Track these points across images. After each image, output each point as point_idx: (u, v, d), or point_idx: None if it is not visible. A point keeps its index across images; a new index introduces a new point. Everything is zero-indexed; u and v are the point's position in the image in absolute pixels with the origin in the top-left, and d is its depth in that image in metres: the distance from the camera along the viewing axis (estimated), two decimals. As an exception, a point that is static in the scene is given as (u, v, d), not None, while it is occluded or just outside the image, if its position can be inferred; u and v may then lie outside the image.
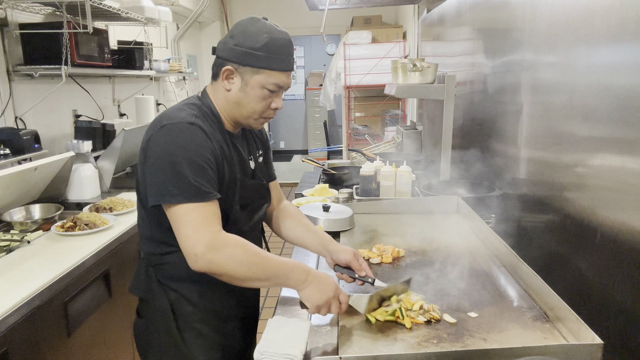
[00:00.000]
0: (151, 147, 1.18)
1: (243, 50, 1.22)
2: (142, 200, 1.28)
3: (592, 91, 1.22)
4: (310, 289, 1.15)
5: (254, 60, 1.22)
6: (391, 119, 5.27)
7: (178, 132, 1.17)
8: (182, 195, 1.13)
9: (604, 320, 1.15)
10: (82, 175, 2.57)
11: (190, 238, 1.11)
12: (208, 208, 1.15)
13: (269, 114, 1.31)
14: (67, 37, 2.51)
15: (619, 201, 1.11)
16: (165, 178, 1.14)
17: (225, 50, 1.25)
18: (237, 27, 1.26)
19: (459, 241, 1.69)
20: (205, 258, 1.10)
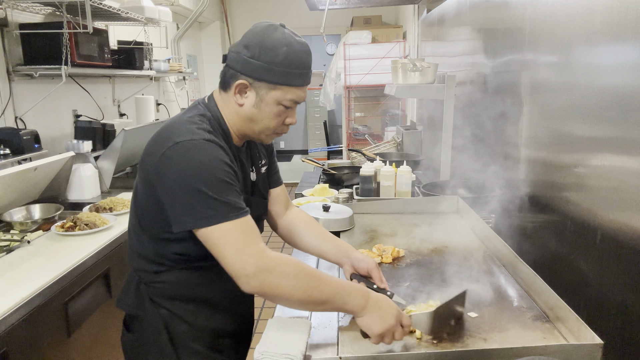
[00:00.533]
0: (167, 167, 1.07)
1: (260, 65, 1.12)
2: (140, 216, 1.21)
3: (592, 91, 1.21)
4: (371, 316, 1.04)
5: (272, 76, 1.13)
6: (391, 119, 5.27)
7: (196, 150, 1.07)
8: (217, 216, 1.04)
9: (604, 320, 1.15)
10: (82, 175, 2.57)
11: (237, 261, 1.03)
12: (245, 224, 1.07)
13: (283, 129, 1.23)
14: (67, 37, 2.51)
15: (619, 201, 1.11)
16: (192, 202, 1.05)
17: (239, 62, 1.14)
18: (253, 36, 1.14)
19: (459, 241, 1.69)
20: (257, 279, 1.02)
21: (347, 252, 1.35)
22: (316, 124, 8.94)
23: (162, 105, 4.52)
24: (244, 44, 1.15)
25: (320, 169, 2.98)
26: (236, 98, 1.17)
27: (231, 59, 1.16)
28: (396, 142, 3.46)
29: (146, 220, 1.19)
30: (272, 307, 3.23)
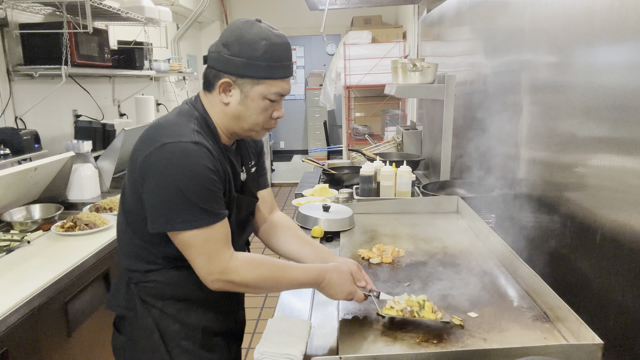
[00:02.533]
0: (151, 169, 1.09)
1: (241, 61, 1.12)
2: (128, 216, 1.21)
3: (592, 91, 1.22)
4: (328, 292, 1.18)
5: (254, 71, 1.13)
6: (391, 119, 5.27)
7: (182, 155, 1.07)
8: (192, 222, 1.08)
9: (604, 320, 1.15)
10: (82, 175, 2.56)
11: (205, 268, 1.10)
12: (218, 229, 1.11)
13: (271, 124, 1.23)
14: (67, 37, 2.51)
15: (619, 201, 1.11)
16: (172, 205, 1.07)
17: (221, 62, 1.14)
18: (230, 34, 1.15)
19: (459, 241, 1.69)
20: (220, 283, 1.11)
21: (326, 258, 1.34)
22: (316, 124, 8.94)
23: (162, 105, 4.52)
24: (222, 43, 1.15)
25: (320, 169, 2.98)
26: (221, 97, 1.17)
27: (212, 59, 1.16)
28: (396, 142, 3.46)
29: (133, 220, 1.19)
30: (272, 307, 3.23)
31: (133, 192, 1.16)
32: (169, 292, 1.22)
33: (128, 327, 1.26)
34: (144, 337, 1.23)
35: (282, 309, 1.27)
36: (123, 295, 1.25)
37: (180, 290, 1.22)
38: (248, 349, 2.90)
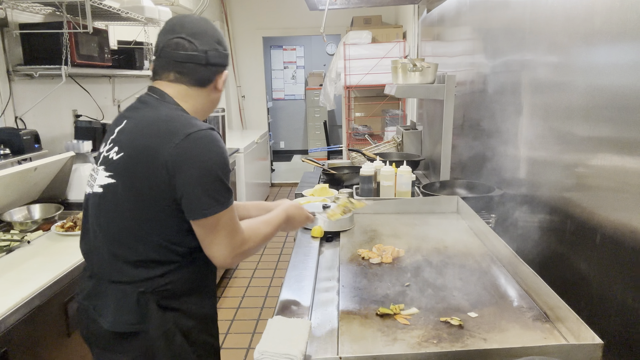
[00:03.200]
0: (187, 158, 1.10)
1: (226, 54, 1.29)
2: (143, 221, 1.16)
3: (592, 91, 1.22)
4: (292, 224, 1.52)
5: (227, 59, 1.31)
6: (391, 119, 5.27)
7: (211, 141, 1.15)
8: (227, 203, 1.17)
9: (604, 320, 1.15)
10: (82, 175, 2.56)
11: (229, 245, 1.19)
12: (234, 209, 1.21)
13: None
14: (67, 37, 2.51)
15: (619, 201, 1.11)
16: (215, 189, 1.14)
17: (222, 57, 1.27)
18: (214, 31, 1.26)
19: (459, 241, 1.69)
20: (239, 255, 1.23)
21: (265, 208, 1.60)
22: (316, 124, 8.94)
23: (162, 105, 4.52)
24: (215, 41, 1.25)
25: (320, 169, 2.98)
26: (220, 87, 1.30)
27: (214, 56, 1.24)
28: (396, 142, 3.46)
29: (153, 222, 1.15)
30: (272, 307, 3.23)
31: (153, 190, 1.12)
32: (184, 289, 1.23)
33: (139, 343, 1.19)
34: (164, 344, 1.19)
35: (282, 309, 1.27)
36: (132, 310, 1.18)
37: (195, 283, 1.26)
38: (248, 349, 2.90)
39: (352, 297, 1.29)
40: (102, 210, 1.20)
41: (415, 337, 1.08)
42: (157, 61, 1.25)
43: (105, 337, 1.22)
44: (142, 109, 1.23)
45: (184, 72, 1.23)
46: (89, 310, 1.25)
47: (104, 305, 1.22)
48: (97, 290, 1.24)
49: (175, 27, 1.21)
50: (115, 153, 1.18)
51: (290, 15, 6.41)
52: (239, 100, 6.85)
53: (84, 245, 1.30)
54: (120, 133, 1.21)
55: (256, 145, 5.48)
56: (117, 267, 1.19)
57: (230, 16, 6.54)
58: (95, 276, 1.25)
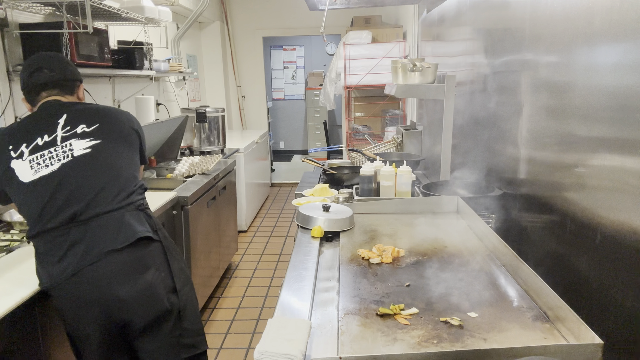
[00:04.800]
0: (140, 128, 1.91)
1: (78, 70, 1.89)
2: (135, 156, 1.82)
3: (592, 91, 1.22)
4: None
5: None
6: (391, 119, 5.27)
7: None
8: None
9: (604, 320, 1.15)
10: (82, 175, 2.56)
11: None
12: None
13: None
14: (67, 37, 2.51)
15: (619, 201, 1.11)
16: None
17: (77, 73, 1.86)
18: (61, 57, 1.86)
19: (459, 241, 1.69)
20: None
21: None
22: (316, 124, 8.94)
23: (162, 105, 4.52)
24: (67, 63, 1.85)
25: (320, 169, 2.98)
26: (81, 97, 1.86)
27: (75, 73, 1.83)
28: (396, 142, 3.46)
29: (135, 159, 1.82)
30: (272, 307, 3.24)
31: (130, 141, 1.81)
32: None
33: (156, 250, 1.68)
34: (171, 243, 1.77)
35: (282, 309, 1.27)
36: (145, 222, 1.68)
37: None
38: (248, 349, 2.90)
39: (352, 297, 1.29)
40: (96, 164, 1.67)
41: (415, 337, 1.08)
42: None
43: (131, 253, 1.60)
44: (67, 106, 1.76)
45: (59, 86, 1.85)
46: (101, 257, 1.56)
47: (118, 230, 1.59)
48: (102, 230, 1.58)
49: None
50: (86, 127, 1.70)
51: (290, 15, 6.41)
52: (239, 100, 6.85)
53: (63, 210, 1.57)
54: (71, 119, 1.70)
55: (256, 145, 5.48)
56: (120, 197, 1.64)
57: (230, 16, 6.54)
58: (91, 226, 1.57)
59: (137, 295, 1.58)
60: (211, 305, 3.46)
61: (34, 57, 1.79)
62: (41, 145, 1.63)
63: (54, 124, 1.68)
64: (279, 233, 5.05)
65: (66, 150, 1.64)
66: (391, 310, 1.18)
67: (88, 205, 1.58)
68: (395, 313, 1.17)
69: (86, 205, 1.58)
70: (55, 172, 1.60)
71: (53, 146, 1.64)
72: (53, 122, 1.68)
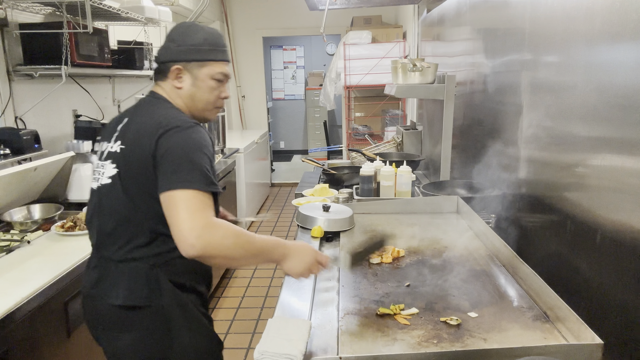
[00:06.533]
0: (164, 143, 1.22)
1: (187, 48, 1.34)
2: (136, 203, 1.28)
3: (592, 91, 1.22)
4: (291, 261, 1.24)
5: (199, 55, 1.35)
6: (391, 119, 5.27)
7: (192, 132, 1.26)
8: (195, 182, 1.18)
9: (604, 320, 1.15)
10: (82, 175, 2.56)
11: (187, 221, 1.13)
12: (210, 198, 1.20)
13: (220, 103, 1.43)
14: (67, 37, 2.51)
15: (619, 201, 1.11)
16: (180, 167, 1.19)
17: (170, 54, 1.36)
18: (173, 32, 1.38)
19: (459, 241, 1.69)
20: (203, 239, 1.12)
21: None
22: (316, 124, 8.94)
23: (162, 105, 4.52)
24: (168, 40, 1.37)
25: (320, 169, 2.98)
26: (174, 82, 1.36)
27: (162, 55, 1.37)
28: (396, 142, 3.46)
29: (150, 204, 1.25)
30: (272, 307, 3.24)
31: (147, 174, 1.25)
32: (191, 265, 1.28)
33: (147, 317, 1.30)
34: (180, 312, 1.32)
35: (282, 309, 1.27)
36: (143, 285, 1.29)
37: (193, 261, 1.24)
38: (248, 349, 2.90)
39: (352, 297, 1.29)
40: (112, 198, 1.32)
41: (415, 337, 1.08)
42: None
43: (114, 314, 1.31)
44: (140, 107, 1.40)
45: (154, 72, 1.44)
46: (96, 297, 1.34)
47: (114, 284, 1.31)
48: (105, 274, 1.33)
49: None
50: (118, 147, 1.32)
51: (290, 15, 6.40)
52: (239, 100, 6.85)
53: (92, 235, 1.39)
54: (122, 129, 1.35)
55: (256, 145, 5.47)
56: (129, 247, 1.30)
57: (230, 16, 6.54)
58: (102, 263, 1.34)
59: (114, 351, 1.38)
60: (211, 305, 3.46)
61: None
62: (98, 154, 1.41)
63: (113, 130, 1.37)
64: (279, 233, 5.05)
65: (101, 171, 1.36)
66: (391, 310, 1.18)
67: (101, 244, 1.36)
68: (395, 313, 1.17)
69: (100, 243, 1.36)
70: (94, 192, 1.38)
71: (100, 159, 1.38)
72: (113, 128, 1.38)
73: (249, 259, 1.21)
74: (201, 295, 1.41)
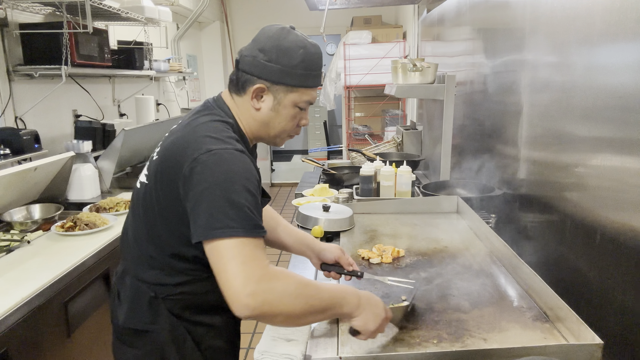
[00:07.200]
0: (199, 173, 1.02)
1: (278, 68, 1.12)
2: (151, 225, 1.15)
3: (592, 91, 1.22)
4: (366, 314, 1.04)
5: (290, 78, 1.13)
6: (391, 119, 5.27)
7: (231, 161, 1.03)
8: (239, 228, 0.97)
9: (604, 320, 1.15)
10: (82, 175, 2.56)
11: (240, 275, 0.94)
12: (259, 243, 1.00)
13: (297, 131, 1.23)
14: (67, 37, 2.51)
15: (619, 201, 1.11)
16: (220, 209, 0.98)
17: (257, 67, 1.13)
18: (267, 40, 1.13)
19: (459, 241, 1.69)
20: (259, 298, 0.92)
21: (310, 245, 1.37)
22: (316, 124, 8.93)
23: (162, 105, 4.52)
24: (258, 48, 1.13)
25: (320, 169, 2.98)
26: (253, 102, 1.16)
27: (246, 62, 1.14)
28: (396, 142, 3.46)
29: (160, 232, 1.13)
30: (272, 307, 3.24)
31: (166, 200, 1.10)
32: (199, 302, 1.18)
33: (150, 341, 1.19)
34: (174, 348, 1.18)
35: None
36: (145, 310, 1.18)
37: (211, 297, 1.14)
38: (248, 349, 2.90)
39: (352, 297, 1.29)
40: (135, 205, 1.22)
41: (415, 337, 1.08)
42: None
43: (121, 329, 1.24)
44: (195, 113, 1.20)
45: (231, 77, 1.21)
46: (115, 297, 1.26)
47: (124, 297, 1.23)
48: (123, 275, 1.25)
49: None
50: (157, 153, 1.17)
51: (290, 15, 6.40)
52: (239, 100, 6.84)
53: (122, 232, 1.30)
54: (169, 134, 1.20)
55: (256, 145, 5.47)
56: (136, 265, 1.20)
57: (230, 16, 6.54)
58: (123, 264, 1.27)
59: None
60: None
61: None
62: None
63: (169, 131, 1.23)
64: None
65: (142, 172, 1.24)
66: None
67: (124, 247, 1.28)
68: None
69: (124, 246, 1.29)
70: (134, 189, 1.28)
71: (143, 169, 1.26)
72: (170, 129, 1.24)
73: (316, 316, 1.01)
74: (211, 326, 1.23)
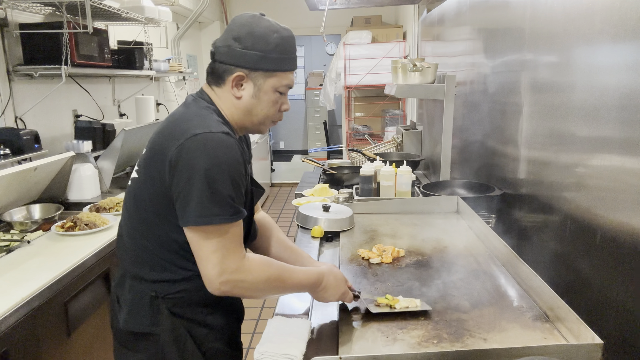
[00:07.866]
0: (185, 159, 1.04)
1: (255, 54, 1.12)
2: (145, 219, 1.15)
3: (592, 91, 1.22)
4: (324, 293, 1.19)
5: (267, 63, 1.14)
6: (391, 119, 5.27)
7: (216, 145, 1.05)
8: (222, 216, 1.04)
9: (604, 320, 1.15)
10: (82, 175, 2.56)
11: (218, 266, 1.04)
12: (238, 229, 1.09)
13: (279, 117, 1.25)
14: (67, 37, 2.51)
15: (619, 201, 1.11)
16: (204, 196, 1.03)
17: (233, 56, 1.13)
18: (240, 28, 1.14)
19: (459, 241, 1.69)
20: (231, 283, 1.06)
21: (305, 262, 1.36)
22: (316, 124, 8.93)
23: (162, 105, 4.52)
24: (233, 37, 1.13)
25: (320, 169, 2.98)
26: (234, 91, 1.16)
27: (222, 53, 1.15)
28: (396, 142, 3.46)
29: (152, 222, 1.13)
30: (272, 307, 3.24)
31: (155, 190, 1.11)
32: (197, 299, 1.18)
33: (152, 344, 1.19)
34: (175, 350, 1.17)
35: (282, 309, 1.27)
36: (146, 312, 1.18)
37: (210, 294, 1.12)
38: (248, 349, 2.90)
39: (352, 297, 1.29)
40: (127, 202, 1.21)
41: (415, 337, 1.08)
42: None
43: (122, 333, 1.23)
44: (180, 107, 1.22)
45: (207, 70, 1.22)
46: (114, 302, 1.26)
47: (124, 300, 1.22)
48: (122, 280, 1.24)
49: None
50: (145, 148, 1.19)
51: (290, 15, 6.40)
52: (239, 100, 6.84)
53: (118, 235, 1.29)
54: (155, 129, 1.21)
55: (256, 145, 5.48)
56: (136, 263, 1.19)
57: (231, 16, 6.53)
58: (122, 268, 1.26)
59: None
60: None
61: None
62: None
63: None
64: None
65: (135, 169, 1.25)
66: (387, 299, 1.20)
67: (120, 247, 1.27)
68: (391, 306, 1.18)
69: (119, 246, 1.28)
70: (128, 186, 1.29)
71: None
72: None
73: (283, 292, 1.21)
74: (212, 328, 1.22)
